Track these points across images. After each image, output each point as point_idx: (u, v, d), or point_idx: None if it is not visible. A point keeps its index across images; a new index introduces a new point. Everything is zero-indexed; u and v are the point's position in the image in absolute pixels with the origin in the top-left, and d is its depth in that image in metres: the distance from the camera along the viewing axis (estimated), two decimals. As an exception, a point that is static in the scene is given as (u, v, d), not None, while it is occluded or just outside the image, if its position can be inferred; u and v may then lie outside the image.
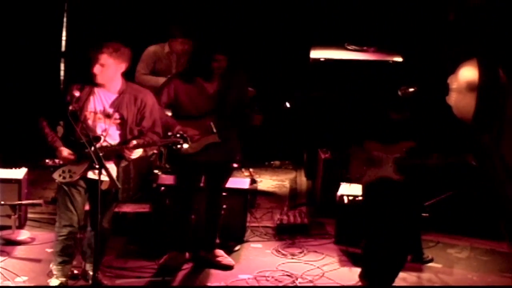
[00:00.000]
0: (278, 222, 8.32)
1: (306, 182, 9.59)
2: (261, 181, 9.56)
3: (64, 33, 9.28)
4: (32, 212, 8.07)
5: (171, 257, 7.19)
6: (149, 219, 7.84)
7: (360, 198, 7.65)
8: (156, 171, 8.18)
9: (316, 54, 9.21)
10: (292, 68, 9.67)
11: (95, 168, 6.12)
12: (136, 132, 6.38)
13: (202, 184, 7.30)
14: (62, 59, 10.02)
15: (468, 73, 5.82)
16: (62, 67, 10.05)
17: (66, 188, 6.34)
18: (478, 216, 7.90)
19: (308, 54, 9.22)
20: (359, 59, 9.23)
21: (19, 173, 7.87)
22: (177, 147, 6.31)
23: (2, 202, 7.61)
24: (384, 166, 6.76)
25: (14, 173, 7.87)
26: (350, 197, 7.70)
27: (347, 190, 7.78)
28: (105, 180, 6.19)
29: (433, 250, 7.59)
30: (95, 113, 6.29)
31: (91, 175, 6.31)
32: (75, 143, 6.22)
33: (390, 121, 6.67)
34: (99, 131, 6.27)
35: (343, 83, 9.04)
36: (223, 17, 9.84)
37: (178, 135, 6.31)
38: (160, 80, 8.51)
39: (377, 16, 9.58)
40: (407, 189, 6.68)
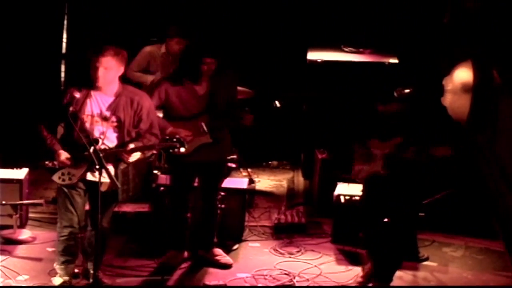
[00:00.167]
0: (276, 222, 8.33)
1: (304, 182, 9.60)
2: (259, 181, 9.57)
3: (65, 35, 9.28)
4: (33, 212, 8.08)
5: (170, 256, 7.20)
6: (149, 219, 7.84)
7: (357, 198, 7.68)
8: (156, 172, 8.18)
9: (313, 56, 9.22)
10: (290, 70, 9.68)
11: (94, 170, 6.15)
12: (134, 134, 6.37)
13: (198, 183, 7.33)
14: (63, 61, 10.03)
15: (463, 75, 5.82)
16: (63, 69, 10.06)
17: (66, 190, 6.35)
18: (473, 215, 7.91)
19: (305, 56, 9.24)
20: (356, 61, 9.24)
21: (21, 173, 7.88)
22: (174, 151, 6.32)
23: (4, 202, 7.62)
24: (377, 162, 6.78)
25: (16, 173, 7.88)
26: (347, 197, 7.71)
27: (344, 190, 7.80)
28: (105, 182, 6.20)
29: (429, 249, 7.60)
30: (92, 116, 6.28)
31: (90, 177, 6.31)
32: (74, 145, 6.22)
33: (380, 115, 6.68)
34: (97, 134, 6.26)
35: (340, 85, 9.05)
36: (221, 19, 9.85)
37: (175, 139, 6.31)
38: (149, 78, 8.56)
39: (373, 18, 9.59)
40: (392, 184, 6.70)
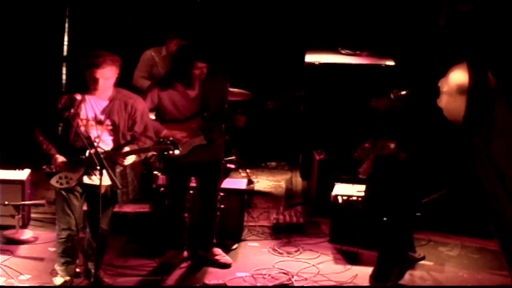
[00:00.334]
0: (275, 222, 8.33)
1: (302, 183, 9.60)
2: (258, 182, 9.57)
3: (66, 38, 9.29)
4: (35, 212, 8.08)
5: (170, 256, 7.20)
6: (149, 219, 7.85)
7: (355, 198, 7.69)
8: (156, 172, 8.19)
9: (311, 58, 9.23)
10: (288, 72, 9.69)
11: (91, 173, 6.19)
12: (129, 137, 6.37)
13: (196, 184, 7.34)
14: (64, 63, 10.03)
15: (458, 77, 5.83)
16: (64, 71, 10.06)
17: (65, 194, 6.35)
18: (469, 215, 7.92)
19: (303, 58, 9.24)
20: (353, 63, 9.24)
21: (23, 174, 7.88)
22: (169, 153, 6.32)
23: (6, 202, 7.63)
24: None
25: (18, 174, 7.88)
26: (344, 197, 7.71)
27: (342, 190, 7.80)
28: (103, 185, 6.21)
29: (425, 248, 7.61)
30: (87, 120, 6.27)
31: (87, 180, 6.31)
32: (70, 149, 6.23)
33: (372, 111, 6.68)
34: (92, 138, 6.23)
35: (337, 86, 9.05)
36: (221, 22, 9.86)
37: (169, 142, 6.32)
38: None
39: (370, 22, 9.60)
40: (385, 184, 6.74)
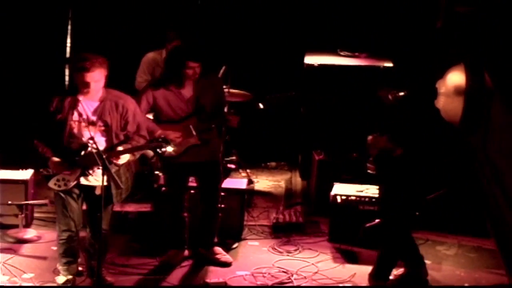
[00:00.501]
0: (274, 221, 8.33)
1: (301, 183, 9.59)
2: (258, 182, 9.57)
3: (69, 40, 9.29)
4: (38, 212, 8.08)
5: (171, 255, 7.20)
6: (151, 218, 7.85)
7: (353, 198, 7.69)
8: (157, 172, 8.19)
9: (310, 60, 9.22)
10: (288, 73, 9.69)
11: (87, 174, 6.21)
12: (122, 137, 6.36)
13: (196, 185, 7.34)
14: (67, 65, 10.03)
15: (456, 78, 5.82)
16: (67, 73, 10.06)
17: (63, 195, 6.35)
18: (466, 215, 7.92)
19: (303, 60, 9.24)
20: (351, 65, 9.23)
21: (26, 174, 7.88)
22: (161, 151, 6.31)
23: (10, 202, 7.64)
24: None
25: (21, 174, 7.88)
26: (343, 197, 7.71)
27: (340, 190, 7.80)
28: (98, 185, 6.22)
29: (423, 247, 7.58)
30: (80, 122, 6.27)
31: (84, 181, 6.31)
32: (66, 151, 6.23)
33: (381, 105, 6.67)
34: (85, 139, 6.23)
35: (336, 88, 9.05)
36: (221, 24, 9.87)
37: (160, 139, 6.32)
38: None
39: (369, 24, 9.60)
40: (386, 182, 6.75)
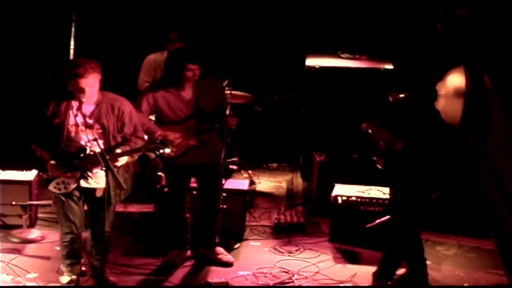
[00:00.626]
0: (276, 222, 8.33)
1: (302, 183, 9.59)
2: (260, 183, 9.57)
3: (72, 42, 9.29)
4: (42, 212, 8.09)
5: (174, 255, 7.20)
6: (153, 219, 7.86)
7: (354, 198, 7.69)
8: (160, 173, 8.19)
9: (311, 62, 9.23)
10: (289, 75, 9.70)
11: (87, 177, 6.21)
12: (120, 139, 6.34)
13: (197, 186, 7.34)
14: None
15: (456, 80, 5.81)
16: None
17: (64, 198, 6.35)
18: (465, 215, 7.91)
19: (304, 62, 9.25)
20: (352, 67, 9.24)
21: (30, 175, 7.88)
22: (160, 152, 6.31)
23: (14, 203, 7.65)
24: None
25: (25, 175, 7.89)
26: (344, 198, 7.71)
27: (341, 191, 7.80)
28: (99, 188, 6.22)
29: (423, 248, 7.61)
30: (77, 126, 6.26)
31: (84, 184, 6.31)
32: (64, 155, 6.23)
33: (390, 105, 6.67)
34: (83, 142, 6.25)
35: (337, 90, 9.06)
36: (223, 26, 9.88)
37: (158, 141, 6.32)
38: None
39: (369, 26, 9.60)
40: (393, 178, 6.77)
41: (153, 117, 7.13)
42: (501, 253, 6.07)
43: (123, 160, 6.29)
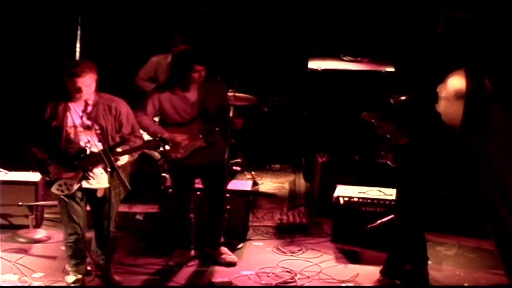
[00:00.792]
0: (278, 222, 8.33)
1: (305, 184, 9.59)
2: (262, 183, 9.57)
3: (78, 45, 9.29)
4: (48, 213, 8.08)
5: (178, 255, 7.20)
6: (158, 219, 7.86)
7: (356, 199, 7.68)
8: (164, 174, 8.19)
9: (314, 65, 9.22)
10: (292, 78, 9.70)
11: (89, 178, 6.21)
12: (118, 139, 6.33)
13: (202, 186, 7.33)
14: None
15: (456, 82, 5.82)
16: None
17: (67, 200, 6.35)
18: (465, 216, 7.90)
19: (307, 65, 9.25)
20: (354, 69, 9.24)
21: (36, 176, 7.87)
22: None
23: (20, 203, 7.65)
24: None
25: (31, 176, 7.89)
26: (346, 198, 7.69)
27: (343, 192, 7.79)
28: (100, 188, 6.22)
29: (423, 248, 7.60)
30: (75, 127, 6.26)
31: (86, 185, 6.31)
32: (64, 157, 6.23)
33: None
34: (83, 143, 6.25)
35: (339, 92, 9.05)
36: (227, 29, 9.88)
37: (158, 138, 6.32)
38: None
39: (371, 29, 9.60)
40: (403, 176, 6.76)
41: (157, 119, 7.12)
42: (501, 254, 6.07)
43: (124, 160, 6.29)
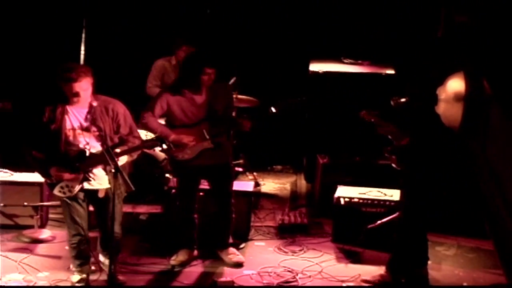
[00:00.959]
0: (280, 222, 8.33)
1: (306, 185, 9.58)
2: (264, 184, 9.57)
3: (83, 48, 9.31)
4: (53, 213, 8.08)
5: (181, 254, 7.19)
6: (161, 219, 7.85)
7: (356, 200, 7.68)
8: (167, 175, 8.18)
9: (315, 67, 9.22)
10: (293, 80, 9.70)
11: (90, 179, 6.21)
12: (117, 140, 6.32)
13: (209, 187, 7.32)
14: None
15: (456, 85, 5.80)
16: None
17: (69, 202, 6.35)
18: (465, 217, 7.89)
19: (308, 67, 9.25)
20: (355, 72, 9.24)
21: (41, 177, 7.86)
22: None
23: (26, 204, 7.66)
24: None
25: (36, 177, 7.85)
26: (346, 199, 7.70)
27: (344, 193, 7.79)
28: (101, 189, 6.21)
29: (423, 248, 7.59)
30: (74, 130, 6.26)
31: (87, 186, 6.31)
32: (64, 159, 6.22)
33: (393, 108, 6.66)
34: (81, 145, 6.25)
35: (340, 94, 9.05)
36: (228, 32, 9.88)
37: (155, 138, 6.33)
38: None
39: (371, 32, 9.60)
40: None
41: (163, 121, 7.11)
42: (500, 254, 6.05)
43: (123, 160, 6.28)
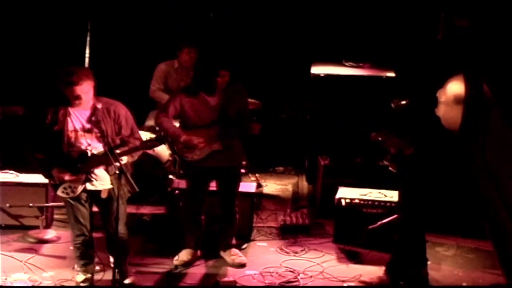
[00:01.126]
0: (282, 223, 8.31)
1: (307, 186, 9.57)
2: (266, 185, 9.55)
3: (87, 51, 9.30)
4: (58, 213, 8.07)
5: (184, 254, 7.18)
6: (165, 220, 7.85)
7: (357, 201, 7.67)
8: (171, 176, 8.17)
9: (316, 70, 9.22)
10: (295, 83, 9.69)
11: (92, 180, 6.20)
12: (119, 141, 6.32)
13: (216, 188, 7.31)
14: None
15: (455, 87, 5.80)
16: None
17: (72, 202, 6.35)
18: (464, 217, 7.88)
19: (309, 70, 9.24)
20: (355, 74, 9.23)
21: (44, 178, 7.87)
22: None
23: (31, 204, 7.65)
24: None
25: (41, 178, 7.84)
26: (347, 200, 7.68)
27: (345, 194, 7.78)
28: (104, 189, 6.20)
29: (423, 248, 7.58)
30: (76, 131, 6.26)
31: (90, 187, 6.30)
32: (67, 160, 6.22)
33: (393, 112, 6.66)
34: (83, 147, 6.25)
35: (341, 96, 9.04)
36: (231, 35, 9.88)
37: (155, 138, 6.33)
38: (166, 97, 8.53)
39: (372, 36, 9.59)
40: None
41: (177, 123, 7.08)
42: (499, 254, 6.04)
43: (124, 161, 6.26)
